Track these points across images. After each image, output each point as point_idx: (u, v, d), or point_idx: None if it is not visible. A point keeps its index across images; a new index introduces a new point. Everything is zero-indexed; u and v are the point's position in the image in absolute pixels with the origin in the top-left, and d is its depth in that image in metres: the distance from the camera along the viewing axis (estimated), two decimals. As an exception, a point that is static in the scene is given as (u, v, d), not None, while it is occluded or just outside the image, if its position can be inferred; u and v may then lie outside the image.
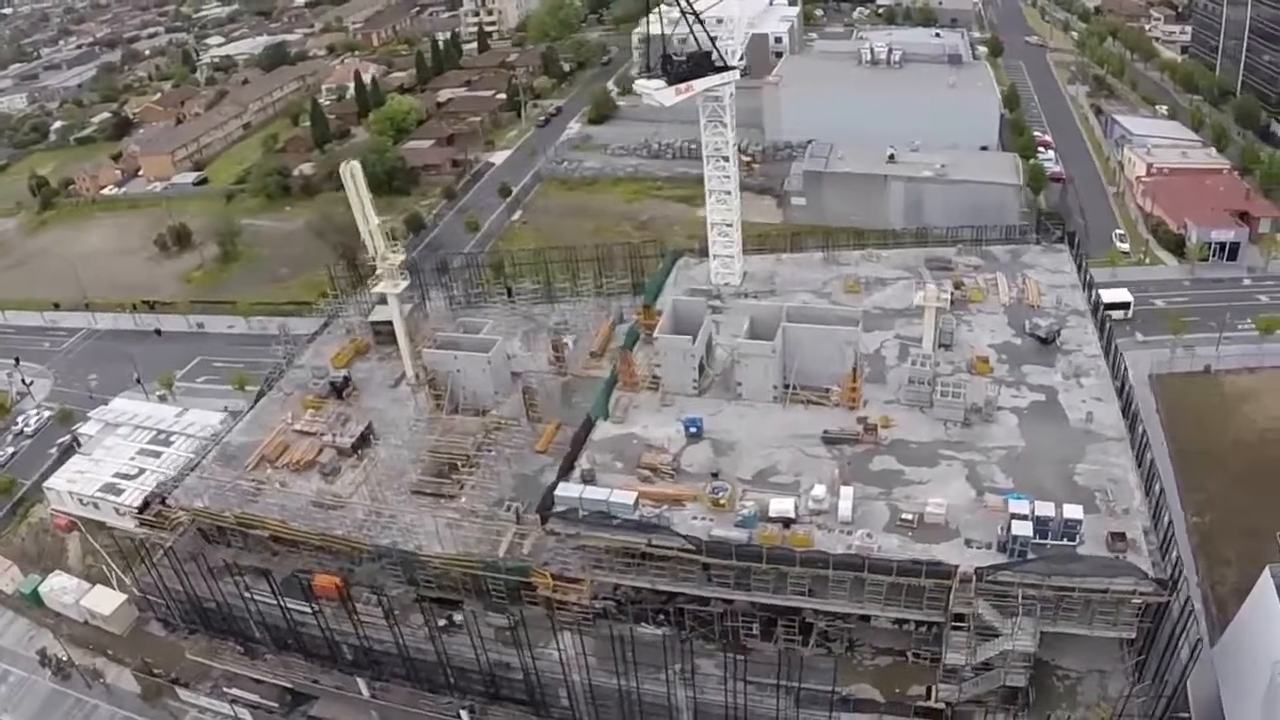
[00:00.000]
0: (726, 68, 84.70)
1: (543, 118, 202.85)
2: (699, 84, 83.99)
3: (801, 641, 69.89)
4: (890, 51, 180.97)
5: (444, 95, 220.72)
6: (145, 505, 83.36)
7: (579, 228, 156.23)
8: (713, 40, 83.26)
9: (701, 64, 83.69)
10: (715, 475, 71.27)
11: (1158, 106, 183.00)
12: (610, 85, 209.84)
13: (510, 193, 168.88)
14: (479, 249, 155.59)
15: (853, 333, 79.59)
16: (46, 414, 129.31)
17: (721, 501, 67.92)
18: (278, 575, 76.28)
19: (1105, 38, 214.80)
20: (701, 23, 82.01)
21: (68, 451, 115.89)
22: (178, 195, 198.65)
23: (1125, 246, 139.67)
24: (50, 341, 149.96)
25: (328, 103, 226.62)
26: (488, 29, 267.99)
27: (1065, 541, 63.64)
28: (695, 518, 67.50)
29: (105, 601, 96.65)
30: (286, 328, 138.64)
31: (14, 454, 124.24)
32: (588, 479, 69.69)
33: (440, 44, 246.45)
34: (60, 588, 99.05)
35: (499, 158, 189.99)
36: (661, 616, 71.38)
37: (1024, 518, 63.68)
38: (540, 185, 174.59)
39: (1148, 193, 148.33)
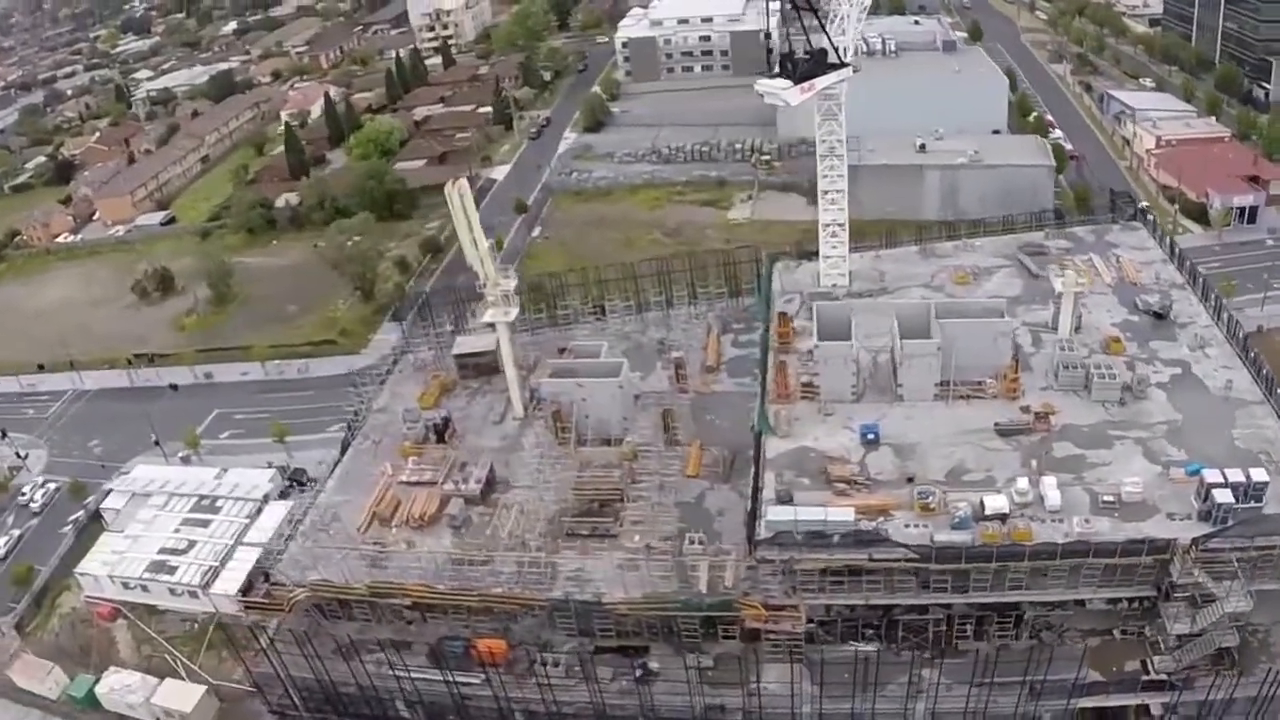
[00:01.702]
0: (843, 64, 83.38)
1: (534, 130, 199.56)
2: (820, 82, 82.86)
3: (1014, 635, 68.97)
4: (884, 41, 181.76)
5: (420, 113, 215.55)
6: (249, 586, 78.39)
7: (606, 239, 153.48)
8: (829, 36, 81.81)
9: (820, 61, 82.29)
10: (910, 480, 70.13)
11: (1142, 80, 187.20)
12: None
13: (526, 208, 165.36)
14: (503, 266, 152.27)
15: (1008, 323, 79.46)
16: (52, 487, 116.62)
17: (931, 505, 66.89)
18: (420, 645, 72.41)
19: (1075, 15, 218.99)
20: (818, 16, 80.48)
21: (86, 529, 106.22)
22: (145, 238, 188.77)
23: (1151, 218, 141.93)
24: (33, 408, 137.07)
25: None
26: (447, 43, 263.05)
27: (1253, 504, 64.76)
28: (908, 525, 66.29)
29: (182, 697, 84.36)
30: (308, 369, 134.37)
31: (21, 536, 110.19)
32: (785, 499, 67.70)
33: (405, 61, 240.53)
34: (122, 686, 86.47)
35: (499, 173, 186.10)
36: (869, 632, 69.68)
37: (1223, 485, 64.79)
38: (552, 199, 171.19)
39: (1160, 164, 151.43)
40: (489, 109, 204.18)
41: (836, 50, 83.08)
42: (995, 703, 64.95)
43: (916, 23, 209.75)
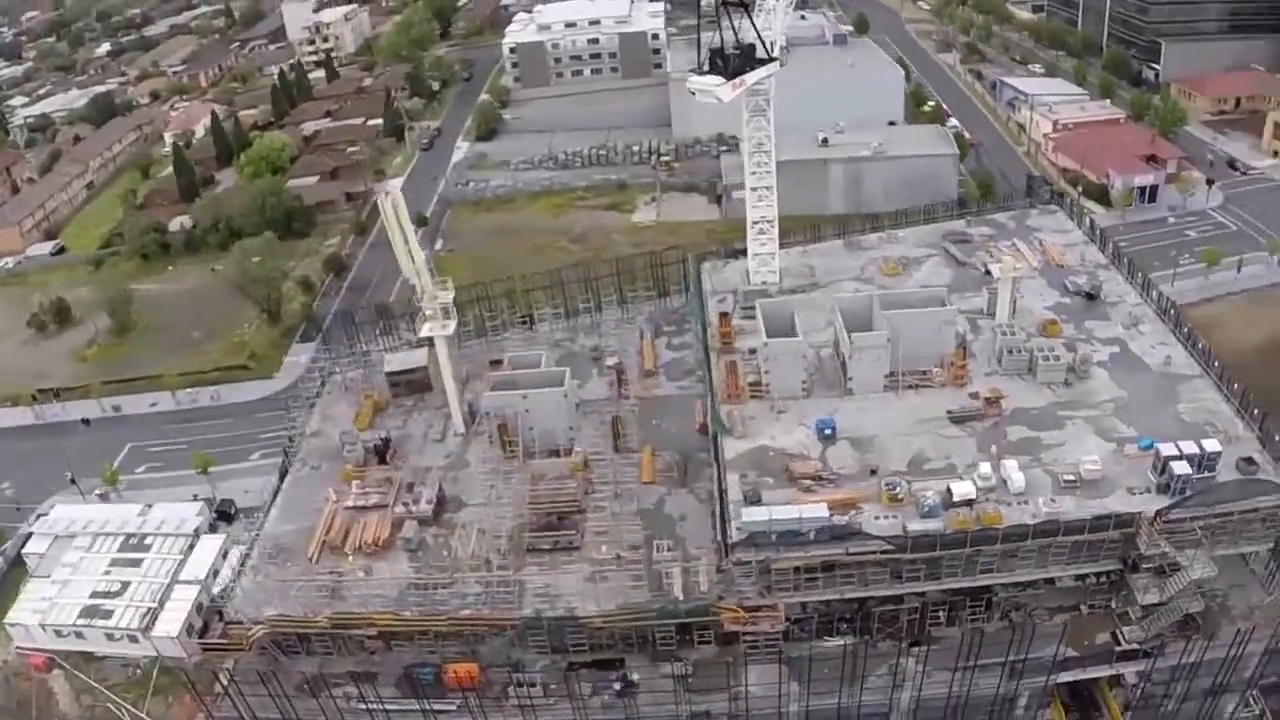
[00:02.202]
0: (771, 59, 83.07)
1: (426, 141, 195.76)
2: (750, 77, 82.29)
3: (986, 619, 69.47)
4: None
5: (309, 128, 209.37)
6: (205, 626, 74.15)
7: (512, 249, 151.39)
8: (757, 30, 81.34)
9: (750, 57, 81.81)
10: (873, 472, 69.96)
11: (1031, 66, 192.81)
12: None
13: (426, 221, 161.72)
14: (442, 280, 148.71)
15: (951, 311, 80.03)
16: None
17: (899, 496, 66.74)
18: (387, 676, 69.51)
19: (960, 4, 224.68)
20: (747, 11, 79.92)
21: (7, 575, 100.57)
22: (38, 269, 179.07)
23: (1068, 200, 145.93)
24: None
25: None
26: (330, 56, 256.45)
27: (1207, 474, 66.70)
28: (878, 517, 65.97)
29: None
30: (220, 396, 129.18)
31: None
32: (753, 500, 66.74)
33: (289, 76, 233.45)
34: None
35: (393, 186, 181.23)
36: (844, 626, 69.30)
37: (1179, 458, 66.51)
38: (451, 210, 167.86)
39: (1059, 148, 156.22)
40: (379, 121, 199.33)
41: (765, 44, 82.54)
42: (976, 686, 65.21)
43: (803, 17, 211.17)
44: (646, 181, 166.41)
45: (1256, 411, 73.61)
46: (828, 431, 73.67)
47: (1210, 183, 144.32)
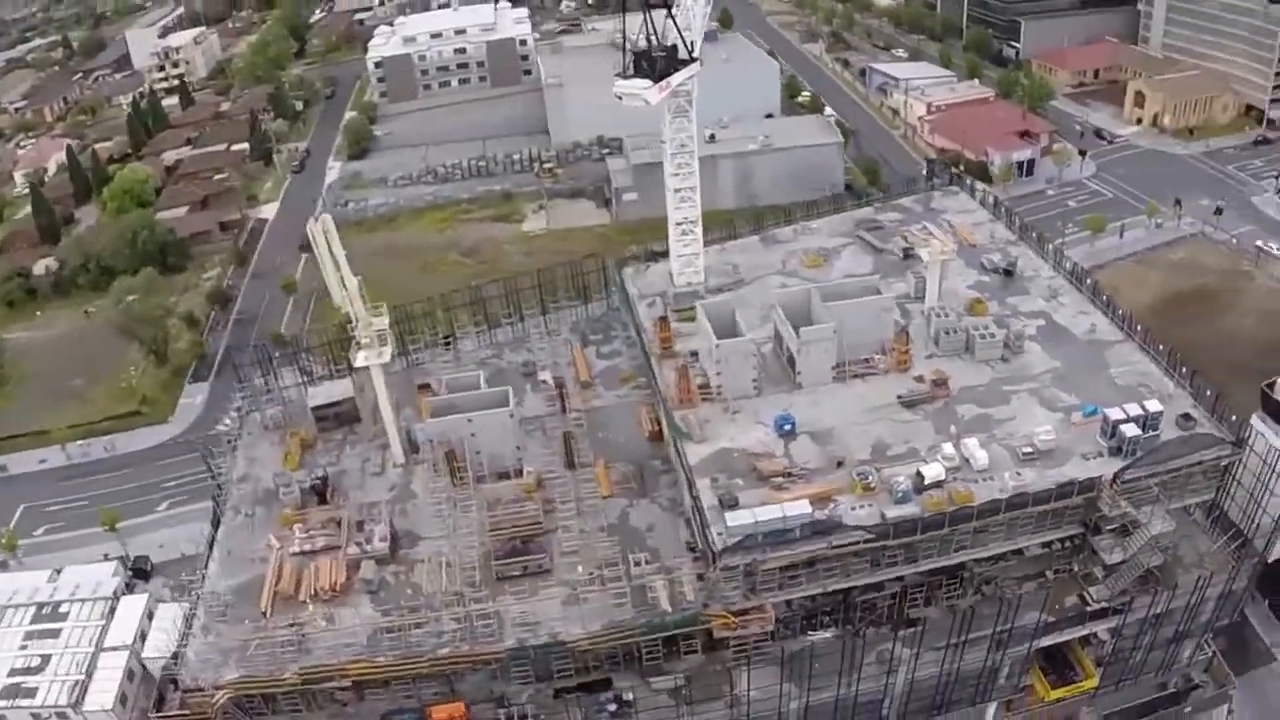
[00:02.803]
0: (693, 58, 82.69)
1: (296, 163, 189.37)
2: (676, 78, 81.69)
3: (960, 595, 70.82)
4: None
5: (170, 158, 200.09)
6: (161, 699, 68.73)
7: (403, 267, 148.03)
8: (679, 30, 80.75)
9: (673, 58, 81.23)
10: (840, 464, 70.39)
11: (895, 51, 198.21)
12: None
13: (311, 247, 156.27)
14: (302, 312, 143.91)
15: (889, 299, 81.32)
16: None
17: (872, 485, 67.28)
18: None
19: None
20: (669, 10, 79.24)
21: None
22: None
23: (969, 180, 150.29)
24: None
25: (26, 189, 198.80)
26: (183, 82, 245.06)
27: (1152, 433, 69.74)
28: (855, 508, 66.38)
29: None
30: (115, 446, 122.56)
31: None
32: (730, 503, 66.20)
33: (143, 105, 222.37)
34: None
35: (268, 211, 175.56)
36: (826, 619, 69.60)
37: (1128, 420, 69.39)
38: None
39: (935, 129, 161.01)
40: (245, 145, 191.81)
41: (686, 44, 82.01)
42: (964, 661, 66.62)
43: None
44: (531, 190, 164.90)
45: (1184, 369, 77.18)
46: (787, 427, 73.71)
47: (1083, 153, 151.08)
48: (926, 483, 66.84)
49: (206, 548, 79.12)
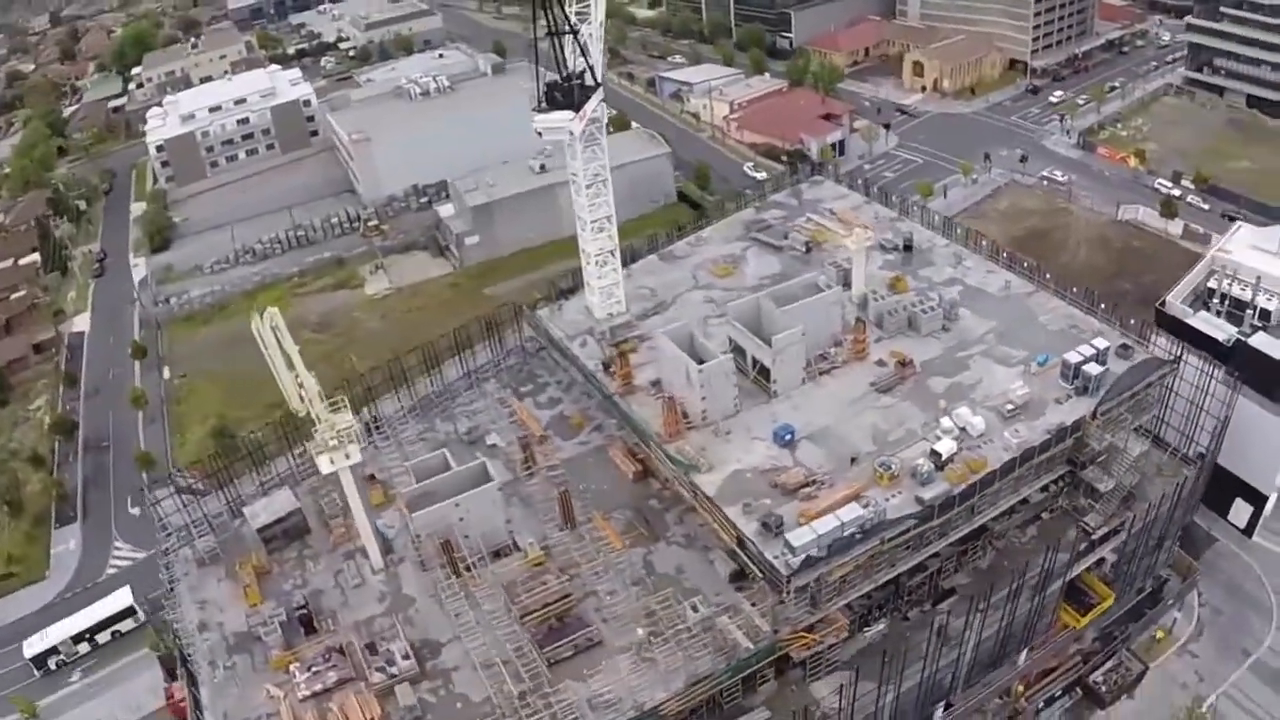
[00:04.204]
0: (598, 84, 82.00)
1: (95, 266, 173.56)
2: (589, 106, 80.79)
3: (981, 556, 74.27)
4: (435, 79, 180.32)
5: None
6: None
7: (253, 356, 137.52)
8: (588, 58, 79.82)
9: (584, 86, 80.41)
10: (854, 460, 71.82)
11: (672, 59, 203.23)
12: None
13: (144, 352, 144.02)
14: (157, 425, 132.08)
15: (837, 293, 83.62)
16: None
17: (896, 473, 69.07)
18: None
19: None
20: (578, 39, 78.21)
21: None
22: None
23: (762, 175, 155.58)
24: None
25: None
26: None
27: (1105, 367, 75.50)
28: (888, 498, 67.84)
29: None
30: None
31: None
32: (775, 525, 65.92)
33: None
34: None
35: (81, 323, 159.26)
36: (877, 612, 70.92)
37: (1086, 360, 75.12)
38: (163, 332, 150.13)
39: (743, 125, 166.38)
40: (35, 257, 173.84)
41: (593, 71, 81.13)
42: (1013, 615, 69.77)
43: (441, 55, 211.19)
44: (362, 251, 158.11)
45: (1103, 306, 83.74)
46: (788, 437, 74.39)
47: (886, 126, 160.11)
48: (944, 459, 69.22)
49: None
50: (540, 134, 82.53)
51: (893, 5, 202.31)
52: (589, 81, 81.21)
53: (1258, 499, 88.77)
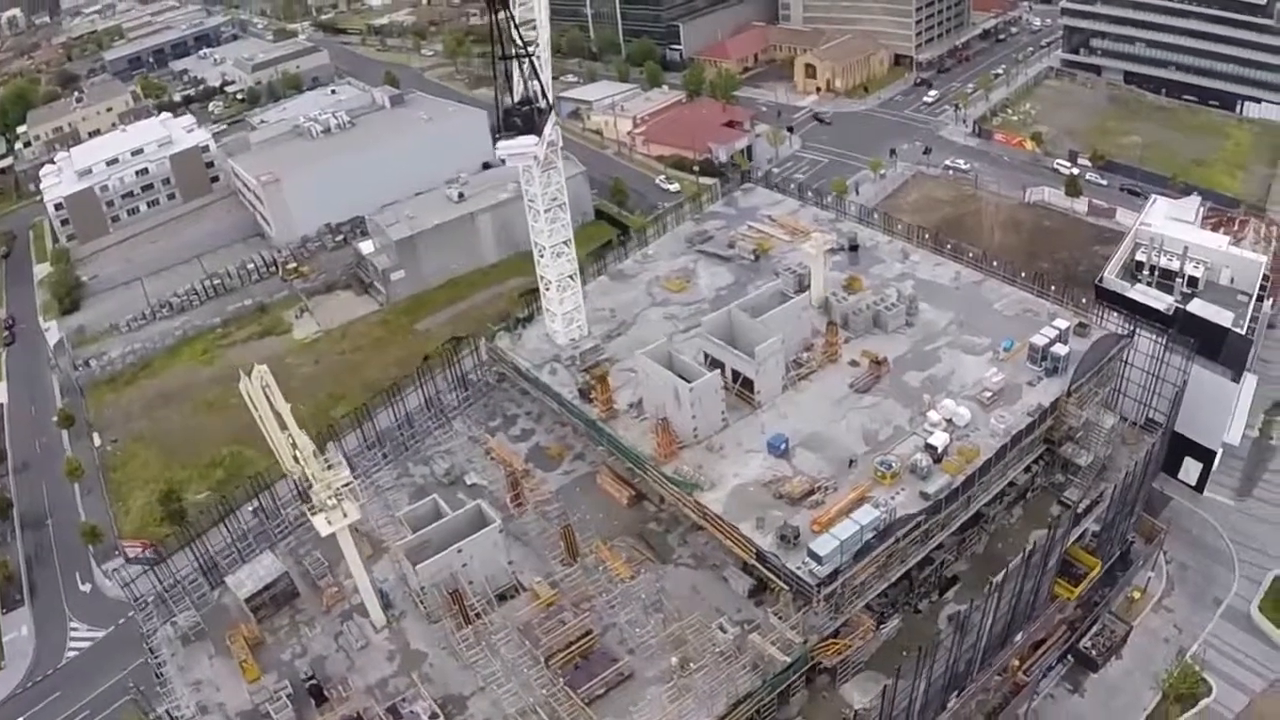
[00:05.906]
0: (550, 106, 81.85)
1: (5, 334, 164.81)
2: (546, 129, 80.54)
3: (977, 541, 76.68)
4: (335, 116, 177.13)
5: None
6: None
7: (185, 414, 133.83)
8: (541, 81, 79.44)
9: (540, 110, 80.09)
10: (852, 463, 73.37)
11: (565, 78, 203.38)
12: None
13: (71, 420, 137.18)
14: (94, 495, 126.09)
15: (805, 299, 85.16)
16: None
17: (897, 471, 70.82)
18: None
19: (465, 41, 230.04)
20: (533, 62, 77.86)
21: None
22: None
23: (675, 186, 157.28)
24: None
25: None
26: None
27: (1066, 347, 79.21)
28: (893, 497, 69.50)
29: None
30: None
31: None
32: (791, 537, 66.93)
33: None
34: None
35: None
36: (890, 609, 72.53)
37: (1053, 342, 78.88)
38: (87, 397, 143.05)
39: (649, 139, 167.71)
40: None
41: (546, 94, 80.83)
42: (1018, 595, 72.09)
43: (334, 92, 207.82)
44: (284, 296, 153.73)
45: (1053, 289, 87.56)
46: (782, 446, 75.45)
47: (791, 129, 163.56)
48: (940, 451, 71.36)
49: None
50: (504, 161, 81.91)
51: (775, 10, 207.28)
52: (541, 104, 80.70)
53: (1206, 456, 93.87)
